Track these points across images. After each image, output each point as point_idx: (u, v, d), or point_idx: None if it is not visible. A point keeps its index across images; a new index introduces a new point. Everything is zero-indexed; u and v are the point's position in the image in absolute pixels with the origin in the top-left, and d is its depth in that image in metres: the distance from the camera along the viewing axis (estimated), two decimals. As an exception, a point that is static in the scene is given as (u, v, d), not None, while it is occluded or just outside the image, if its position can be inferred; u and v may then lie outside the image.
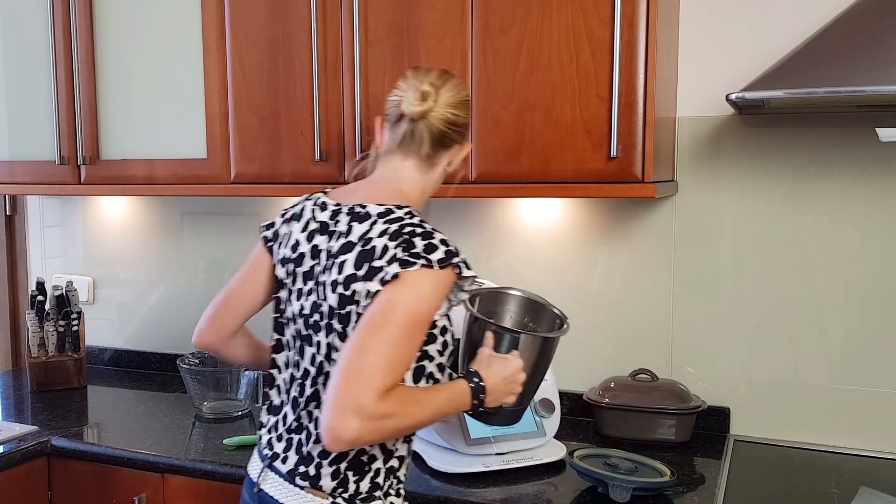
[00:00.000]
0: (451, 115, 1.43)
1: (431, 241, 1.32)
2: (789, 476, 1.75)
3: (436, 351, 1.37)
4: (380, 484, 1.38)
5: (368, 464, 1.37)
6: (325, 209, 1.45)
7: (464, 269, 1.33)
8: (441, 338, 1.38)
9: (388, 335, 1.26)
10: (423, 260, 1.29)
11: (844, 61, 1.53)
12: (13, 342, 2.85)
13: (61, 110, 2.24)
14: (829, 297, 1.88)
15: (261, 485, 1.42)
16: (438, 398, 1.34)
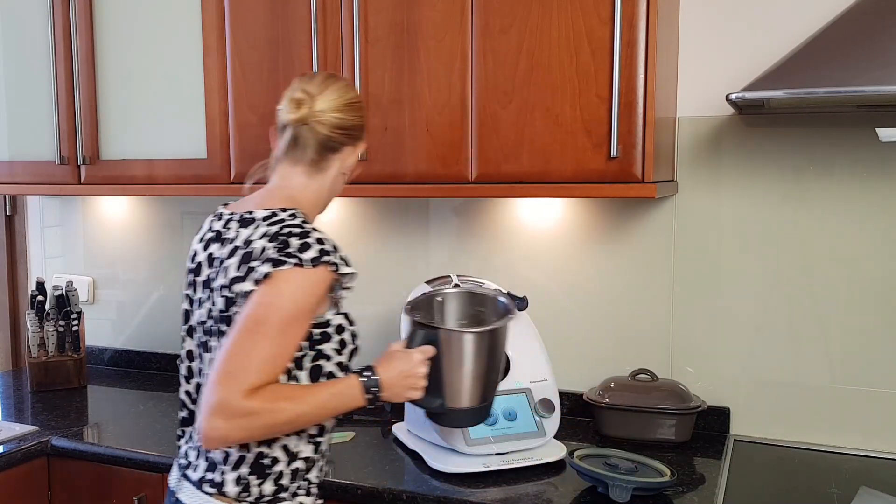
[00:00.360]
0: (336, 119, 1.44)
1: (306, 241, 1.33)
2: (789, 476, 1.75)
3: (332, 350, 1.39)
4: (284, 486, 1.39)
5: (270, 467, 1.38)
6: (221, 219, 1.48)
7: (341, 267, 1.34)
8: (337, 336, 1.40)
9: (257, 335, 1.28)
10: (294, 259, 1.31)
11: (844, 61, 1.53)
12: (13, 342, 2.85)
13: (61, 110, 2.24)
14: (829, 297, 1.88)
15: (177, 494, 1.44)
16: (320, 393, 1.34)
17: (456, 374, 1.51)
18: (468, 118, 1.81)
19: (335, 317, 1.40)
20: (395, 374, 1.42)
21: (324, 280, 1.33)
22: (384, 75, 1.88)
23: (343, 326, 1.42)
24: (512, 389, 1.83)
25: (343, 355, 1.42)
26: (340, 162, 1.48)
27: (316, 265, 1.31)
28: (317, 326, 1.38)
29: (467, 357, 1.51)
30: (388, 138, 1.88)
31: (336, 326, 1.40)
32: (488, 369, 1.54)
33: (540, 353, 1.90)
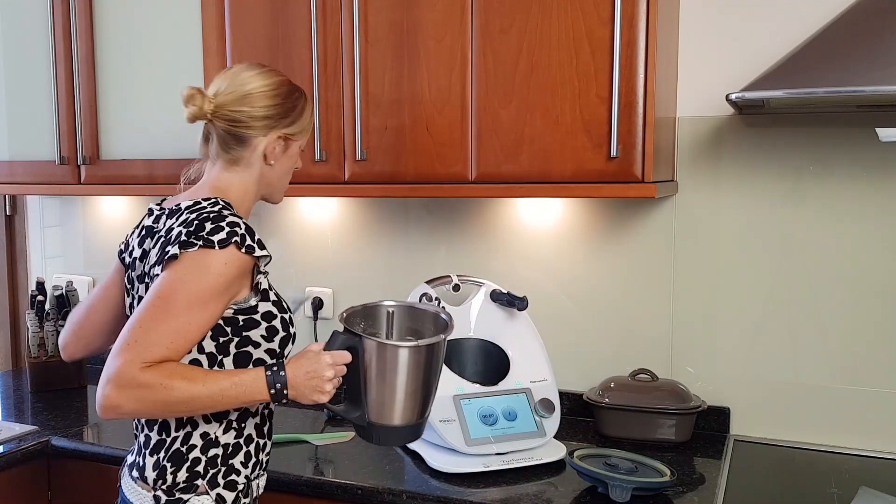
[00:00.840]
0: (230, 113, 1.43)
1: (219, 224, 1.34)
2: (789, 476, 1.75)
3: (260, 336, 1.40)
4: (200, 473, 1.40)
5: (186, 454, 1.40)
6: (152, 215, 1.51)
7: (257, 250, 1.35)
8: (265, 323, 1.40)
9: (160, 310, 1.30)
10: (202, 241, 1.32)
11: (844, 61, 1.53)
12: (13, 342, 2.85)
13: (61, 110, 2.24)
14: (829, 297, 1.88)
15: (121, 480, 1.49)
16: (222, 380, 1.32)
17: (378, 387, 1.40)
18: (468, 118, 1.81)
19: (263, 304, 1.41)
20: (301, 373, 1.36)
21: (233, 261, 1.33)
22: (384, 75, 1.88)
23: (273, 313, 1.42)
24: (512, 389, 1.83)
25: (274, 343, 1.42)
26: (258, 153, 1.47)
27: (224, 246, 1.32)
28: (242, 312, 1.38)
29: (391, 371, 1.40)
30: (388, 138, 1.88)
31: (264, 313, 1.41)
32: (416, 387, 1.42)
33: (540, 353, 1.90)
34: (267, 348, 1.42)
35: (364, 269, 2.32)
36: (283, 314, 1.44)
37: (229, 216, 1.37)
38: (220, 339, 1.39)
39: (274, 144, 1.47)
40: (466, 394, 1.79)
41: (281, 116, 1.47)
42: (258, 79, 1.45)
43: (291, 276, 2.39)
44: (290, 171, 1.55)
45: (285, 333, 1.44)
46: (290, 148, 1.51)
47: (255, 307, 1.40)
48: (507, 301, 1.90)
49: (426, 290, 1.87)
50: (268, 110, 1.45)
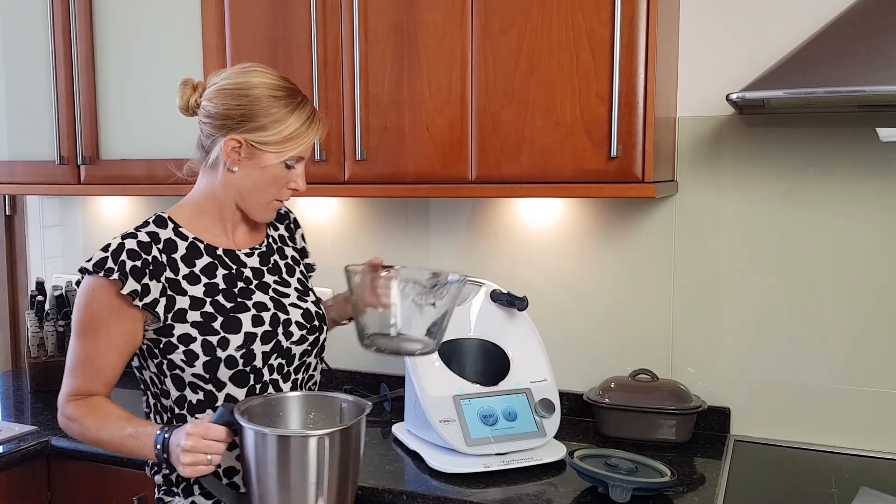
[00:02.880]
0: (205, 107, 1.39)
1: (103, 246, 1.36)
2: (789, 476, 1.75)
3: (180, 360, 1.35)
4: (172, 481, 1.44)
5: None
6: None
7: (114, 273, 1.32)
8: (182, 347, 1.34)
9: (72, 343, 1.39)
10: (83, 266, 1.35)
11: (844, 61, 1.52)
12: (13, 342, 2.85)
13: (61, 110, 2.24)
14: (829, 297, 1.88)
15: None
16: (122, 428, 1.33)
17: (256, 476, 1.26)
18: (468, 118, 1.81)
19: (179, 325, 1.35)
20: (173, 440, 1.27)
21: (96, 287, 1.34)
22: (384, 75, 1.87)
23: (191, 336, 1.34)
24: (512, 389, 1.83)
25: (196, 367, 1.35)
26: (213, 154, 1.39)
27: (86, 273, 1.35)
28: (160, 333, 1.36)
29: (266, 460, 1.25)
30: (388, 138, 1.88)
31: (180, 336, 1.35)
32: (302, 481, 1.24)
33: (540, 353, 1.90)
34: (193, 372, 1.36)
35: (364, 269, 2.32)
36: (207, 336, 1.34)
37: (119, 236, 1.36)
38: (154, 360, 1.39)
39: (232, 147, 1.35)
40: (466, 394, 1.79)
41: (246, 119, 1.34)
42: (245, 76, 1.37)
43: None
44: (266, 187, 1.40)
45: (208, 358, 1.34)
46: (258, 157, 1.36)
47: (169, 328, 1.34)
48: (507, 301, 1.90)
49: None
50: (233, 110, 1.34)
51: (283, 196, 1.44)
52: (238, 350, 1.37)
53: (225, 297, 1.40)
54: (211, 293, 1.39)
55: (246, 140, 1.35)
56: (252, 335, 1.39)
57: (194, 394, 1.38)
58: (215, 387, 1.38)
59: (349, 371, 2.35)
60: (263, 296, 1.45)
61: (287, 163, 1.39)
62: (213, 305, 1.38)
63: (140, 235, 1.37)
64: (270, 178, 1.39)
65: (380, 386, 2.23)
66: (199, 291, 1.39)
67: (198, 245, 1.42)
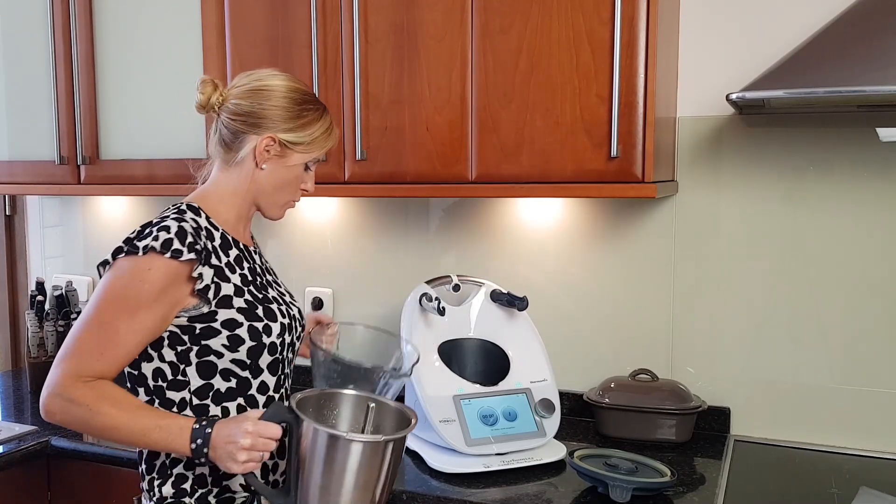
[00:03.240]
0: (234, 105, 1.41)
1: (151, 229, 1.32)
2: (789, 476, 1.75)
3: (221, 346, 1.35)
4: (186, 491, 1.36)
5: (170, 468, 1.37)
6: None
7: (185, 254, 1.30)
8: (226, 332, 1.35)
9: (87, 321, 1.30)
10: (129, 246, 1.31)
11: (844, 61, 1.52)
12: (13, 342, 2.85)
13: (61, 110, 2.24)
14: (829, 297, 1.88)
15: None
16: (148, 419, 1.28)
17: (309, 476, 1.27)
18: (468, 118, 1.81)
19: (225, 311, 1.35)
20: (222, 435, 1.26)
21: (158, 267, 1.29)
22: (384, 75, 1.87)
23: (236, 321, 1.36)
24: (512, 389, 1.83)
25: (239, 353, 1.36)
26: (244, 151, 1.41)
27: (147, 251, 1.29)
28: (197, 320, 1.34)
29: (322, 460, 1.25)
30: (388, 138, 1.88)
31: (224, 321, 1.35)
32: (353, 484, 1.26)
33: (540, 353, 1.90)
34: (233, 358, 1.36)
35: (364, 269, 2.32)
36: (253, 322, 1.37)
37: (169, 220, 1.34)
38: (179, 348, 1.35)
39: (266, 145, 1.40)
40: (466, 394, 1.79)
41: (281, 119, 1.40)
42: (276, 79, 1.43)
43: (291, 276, 2.39)
44: (287, 186, 1.46)
45: (254, 343, 1.37)
46: (287, 157, 1.42)
47: (212, 314, 1.34)
48: (507, 301, 1.90)
49: (426, 290, 1.87)
50: (267, 109, 1.40)
51: (296, 197, 1.50)
52: (278, 337, 1.41)
53: (255, 288, 1.43)
54: (245, 283, 1.41)
55: (280, 139, 1.41)
56: (283, 325, 1.43)
57: (225, 382, 1.37)
58: (252, 373, 1.39)
59: (349, 371, 2.34)
60: (273, 292, 1.48)
61: (308, 164, 1.47)
62: (250, 294, 1.41)
63: (188, 220, 1.36)
64: (292, 177, 1.46)
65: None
66: (237, 280, 1.40)
67: (227, 237, 1.43)
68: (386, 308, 2.30)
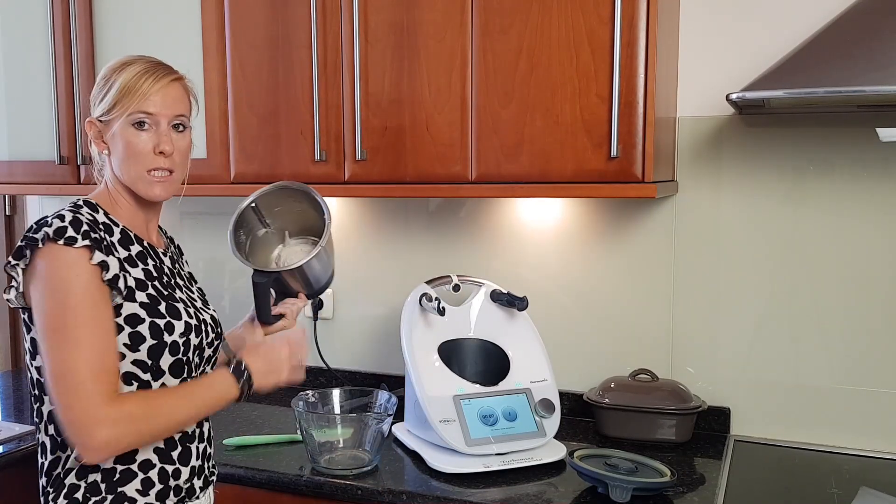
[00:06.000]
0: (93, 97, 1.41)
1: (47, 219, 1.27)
2: (789, 476, 1.75)
3: (123, 345, 1.28)
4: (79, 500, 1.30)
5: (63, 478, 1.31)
6: None
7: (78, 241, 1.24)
8: (127, 328, 1.28)
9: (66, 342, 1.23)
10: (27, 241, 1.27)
11: (844, 61, 1.52)
12: (13, 342, 2.85)
13: (61, 110, 2.24)
14: (829, 297, 1.88)
15: None
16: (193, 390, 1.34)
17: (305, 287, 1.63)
18: (468, 118, 1.81)
19: (127, 304, 1.29)
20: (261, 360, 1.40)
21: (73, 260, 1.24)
22: (384, 75, 1.87)
23: (139, 317, 1.29)
24: (512, 389, 1.83)
25: (140, 352, 1.29)
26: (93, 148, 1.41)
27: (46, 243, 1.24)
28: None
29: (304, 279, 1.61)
30: (388, 138, 1.88)
31: (127, 317, 1.28)
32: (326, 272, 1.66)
33: (540, 353, 1.90)
34: (134, 359, 1.29)
35: (364, 269, 2.32)
36: (154, 318, 1.31)
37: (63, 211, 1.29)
38: None
39: (92, 133, 1.39)
40: (466, 394, 1.79)
41: (94, 104, 1.40)
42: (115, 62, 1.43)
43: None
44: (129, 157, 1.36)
45: (155, 342, 1.30)
46: (109, 129, 1.36)
47: (117, 308, 1.28)
48: (507, 301, 1.90)
49: (426, 290, 1.87)
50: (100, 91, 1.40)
51: (154, 163, 1.37)
52: (181, 337, 1.35)
53: (161, 285, 1.38)
54: (149, 278, 1.36)
55: (95, 118, 1.38)
56: (189, 325, 1.37)
57: (127, 386, 1.30)
58: (153, 376, 1.32)
59: (349, 371, 2.35)
60: (181, 294, 1.43)
61: (133, 122, 1.35)
62: (154, 289, 1.35)
63: (83, 214, 1.31)
64: (126, 144, 1.35)
65: (380, 386, 2.22)
66: (140, 274, 1.34)
67: (128, 233, 1.38)
68: (386, 308, 2.30)
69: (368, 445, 1.72)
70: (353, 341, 2.36)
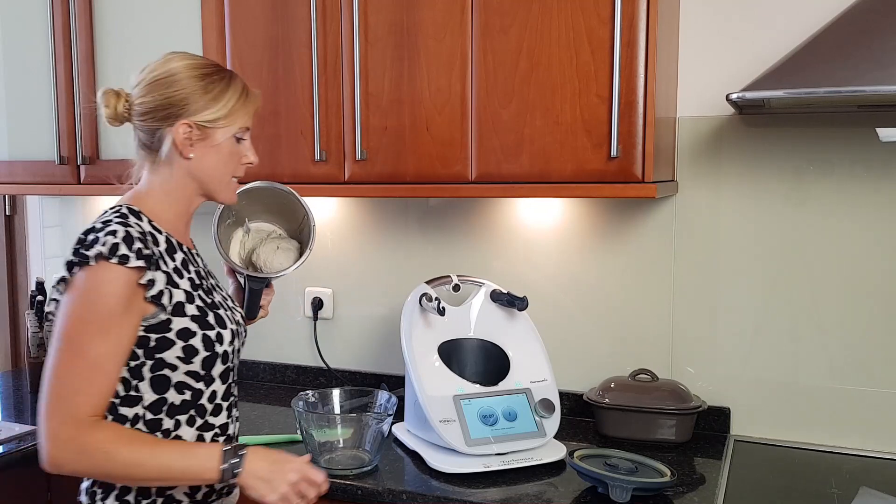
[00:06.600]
0: (139, 105, 1.35)
1: (98, 235, 1.25)
2: (789, 476, 1.75)
3: (175, 358, 1.30)
4: (130, 502, 1.32)
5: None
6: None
7: (131, 260, 1.24)
8: (180, 342, 1.30)
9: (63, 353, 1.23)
10: (78, 257, 1.24)
11: (844, 61, 1.53)
12: (13, 342, 2.85)
13: (61, 110, 2.24)
14: (829, 297, 1.88)
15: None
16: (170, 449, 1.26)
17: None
18: (468, 118, 1.81)
19: (178, 319, 1.30)
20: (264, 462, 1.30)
21: (113, 277, 1.23)
22: (384, 75, 1.87)
23: (191, 331, 1.31)
24: (512, 389, 1.83)
25: (194, 364, 1.32)
26: (165, 147, 1.35)
27: (98, 260, 1.22)
28: (153, 330, 1.28)
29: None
30: (388, 138, 1.88)
31: (179, 331, 1.30)
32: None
33: (540, 353, 1.90)
34: (187, 370, 1.32)
35: (364, 269, 2.32)
36: (206, 331, 1.33)
37: (115, 224, 1.26)
38: (131, 364, 1.29)
39: (183, 134, 1.34)
40: (466, 394, 1.79)
41: (190, 101, 1.33)
42: (172, 63, 1.36)
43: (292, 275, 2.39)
44: (227, 164, 1.39)
45: (208, 354, 1.33)
46: (210, 137, 1.36)
47: (167, 323, 1.29)
48: (507, 301, 1.90)
49: (426, 290, 1.87)
50: (174, 97, 1.33)
51: (238, 172, 1.43)
52: (230, 345, 1.38)
53: (203, 293, 1.38)
54: (194, 288, 1.36)
55: (196, 122, 1.34)
56: (233, 332, 1.40)
57: (179, 395, 1.32)
58: (205, 384, 1.35)
59: (349, 371, 2.35)
60: (217, 296, 1.44)
61: (237, 136, 1.40)
62: (200, 300, 1.36)
63: (133, 225, 1.29)
64: (226, 154, 1.39)
65: (380, 386, 2.23)
66: (187, 285, 1.35)
67: (171, 240, 1.38)
68: (386, 308, 2.30)
69: (368, 445, 1.72)
70: (353, 341, 2.36)
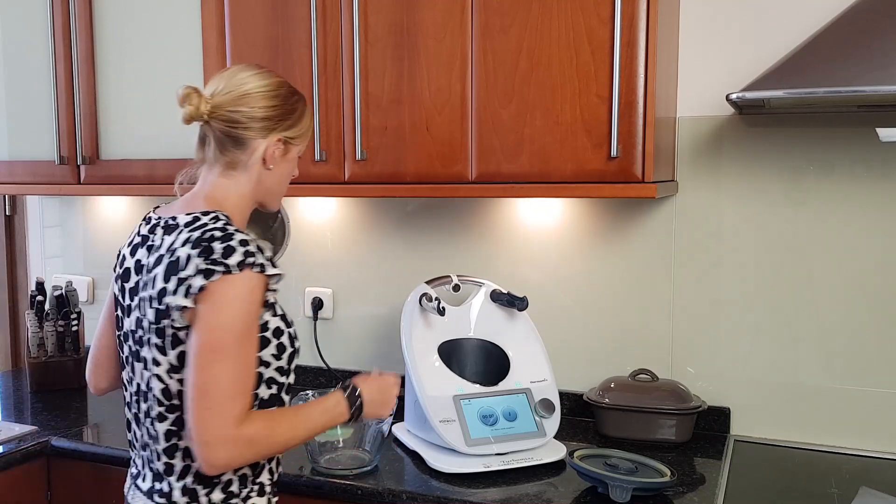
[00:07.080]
0: (228, 113, 1.38)
1: (230, 244, 1.29)
2: (789, 476, 1.75)
3: (270, 355, 1.37)
4: (234, 492, 1.38)
5: (217, 476, 1.36)
6: (149, 223, 1.45)
7: (267, 268, 1.31)
8: (275, 340, 1.37)
9: (217, 363, 1.26)
10: (221, 266, 1.27)
11: (844, 61, 1.53)
12: (13, 342, 2.85)
13: (61, 110, 2.24)
14: (829, 297, 1.88)
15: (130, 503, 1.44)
16: (309, 413, 1.40)
17: None
18: (468, 118, 1.81)
19: (272, 319, 1.37)
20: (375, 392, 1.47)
21: (256, 284, 1.29)
22: (384, 75, 1.87)
23: (281, 329, 1.39)
24: (512, 389, 1.83)
25: (282, 360, 1.39)
26: (257, 157, 1.41)
27: (242, 269, 1.28)
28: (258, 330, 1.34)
29: None
30: (388, 138, 1.88)
31: (274, 330, 1.37)
32: None
33: (540, 353, 1.90)
34: (277, 366, 1.39)
35: (364, 269, 2.32)
36: (289, 329, 1.41)
37: (236, 234, 1.31)
38: None
39: (274, 147, 1.42)
40: (466, 394, 1.79)
41: (280, 119, 1.42)
42: (256, 79, 1.40)
43: (292, 275, 2.39)
44: (288, 177, 1.50)
45: (292, 349, 1.42)
46: (289, 152, 1.45)
47: (265, 324, 1.36)
48: (507, 301, 1.90)
49: (426, 290, 1.87)
50: (267, 111, 1.40)
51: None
52: (298, 341, 1.46)
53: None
54: None
55: (285, 138, 1.44)
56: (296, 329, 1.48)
57: (268, 389, 1.38)
58: (287, 377, 1.42)
59: (349, 371, 2.35)
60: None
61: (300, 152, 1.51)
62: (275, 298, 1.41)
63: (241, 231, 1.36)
64: (290, 169, 1.50)
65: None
66: None
67: None
68: (386, 308, 2.30)
69: (368, 445, 1.72)
70: (353, 341, 2.36)
